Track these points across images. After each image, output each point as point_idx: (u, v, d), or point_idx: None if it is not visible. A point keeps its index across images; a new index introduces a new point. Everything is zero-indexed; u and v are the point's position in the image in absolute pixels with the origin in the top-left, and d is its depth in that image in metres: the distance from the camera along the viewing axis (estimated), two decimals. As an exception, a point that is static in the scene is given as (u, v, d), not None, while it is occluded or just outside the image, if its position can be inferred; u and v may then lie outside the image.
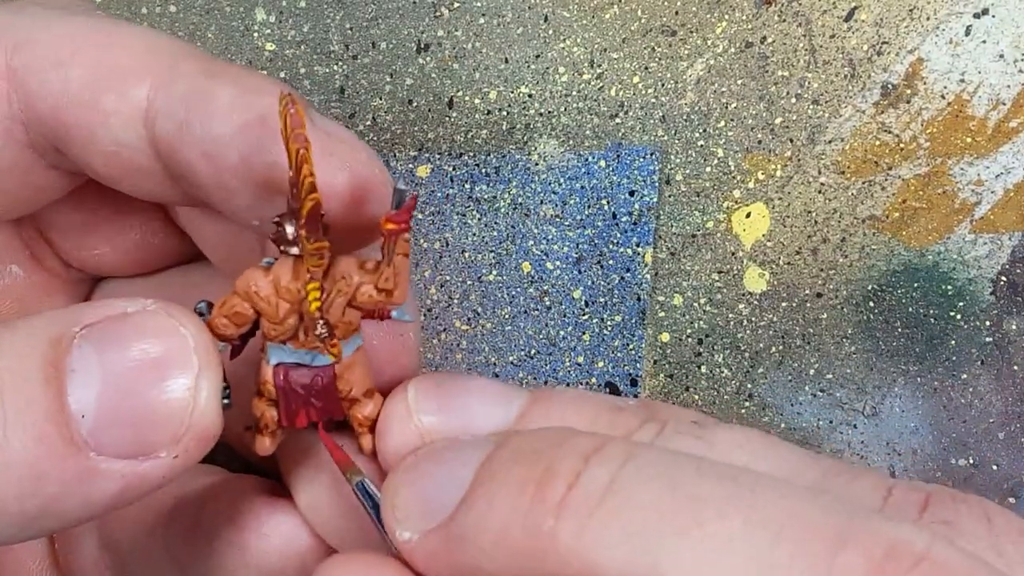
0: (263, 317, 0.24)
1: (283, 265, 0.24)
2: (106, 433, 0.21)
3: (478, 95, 0.38)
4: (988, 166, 0.38)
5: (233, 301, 0.24)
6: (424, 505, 0.22)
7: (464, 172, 0.38)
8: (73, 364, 0.21)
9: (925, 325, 0.39)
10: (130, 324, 0.22)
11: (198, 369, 0.22)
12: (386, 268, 0.24)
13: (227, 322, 0.24)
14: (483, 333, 0.39)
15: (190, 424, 0.22)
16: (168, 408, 0.21)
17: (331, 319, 0.24)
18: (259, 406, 0.25)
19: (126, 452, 0.21)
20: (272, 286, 0.24)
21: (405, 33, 0.38)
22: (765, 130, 0.38)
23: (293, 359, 0.25)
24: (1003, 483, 0.39)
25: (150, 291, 0.33)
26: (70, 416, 0.21)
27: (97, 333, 0.22)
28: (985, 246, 0.38)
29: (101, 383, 0.21)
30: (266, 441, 0.26)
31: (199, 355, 0.22)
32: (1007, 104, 0.37)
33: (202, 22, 0.38)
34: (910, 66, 0.38)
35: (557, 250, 0.39)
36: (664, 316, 0.39)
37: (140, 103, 0.24)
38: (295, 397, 0.25)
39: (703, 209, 0.38)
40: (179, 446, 0.22)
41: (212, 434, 0.22)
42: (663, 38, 0.38)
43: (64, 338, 0.21)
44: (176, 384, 0.22)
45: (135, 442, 0.21)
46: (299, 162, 0.21)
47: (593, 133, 0.38)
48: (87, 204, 0.30)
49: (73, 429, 0.21)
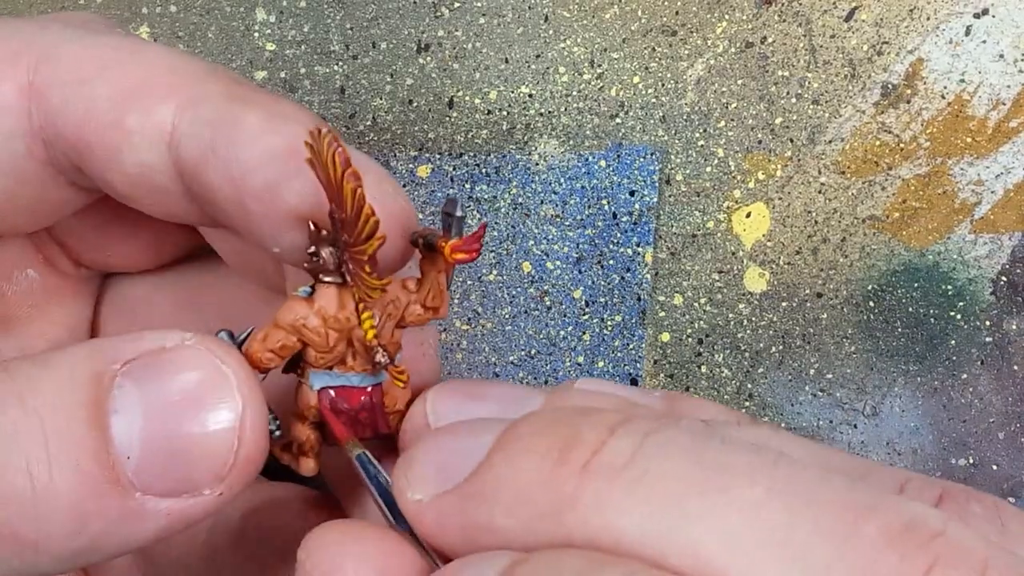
0: (311, 347, 0.24)
1: (326, 295, 0.24)
2: (151, 472, 0.21)
3: (478, 95, 0.38)
4: (988, 166, 0.38)
5: (278, 335, 0.24)
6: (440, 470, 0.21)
7: (464, 172, 0.38)
8: (115, 403, 0.21)
9: (925, 325, 0.39)
10: (169, 360, 0.22)
11: (242, 405, 0.22)
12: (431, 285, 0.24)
13: (272, 355, 0.24)
14: (483, 333, 0.39)
15: (235, 461, 0.22)
16: (212, 446, 0.21)
17: (383, 342, 0.24)
18: (303, 430, 0.25)
19: (171, 491, 0.21)
20: (319, 317, 0.24)
21: (405, 33, 0.38)
22: (765, 130, 0.38)
23: (339, 382, 0.25)
24: (1003, 483, 0.39)
25: (164, 289, 0.33)
26: (116, 456, 0.21)
27: (138, 370, 0.21)
28: (985, 246, 0.38)
29: (144, 421, 0.21)
30: (311, 463, 0.26)
31: (241, 391, 0.22)
32: (1007, 104, 0.37)
33: (202, 22, 0.38)
34: (910, 66, 0.38)
35: (557, 250, 0.39)
36: (664, 316, 0.39)
37: (164, 124, 0.24)
38: (344, 418, 0.25)
39: (703, 209, 0.38)
40: (224, 484, 0.22)
41: (256, 468, 0.22)
42: (663, 38, 0.38)
43: (105, 376, 0.21)
44: (220, 421, 0.21)
45: (180, 480, 0.21)
46: (358, 202, 0.21)
47: (593, 133, 0.38)
48: (103, 212, 0.30)
49: (119, 470, 0.21)
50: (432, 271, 0.24)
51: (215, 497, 0.22)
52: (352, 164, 0.21)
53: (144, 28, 0.38)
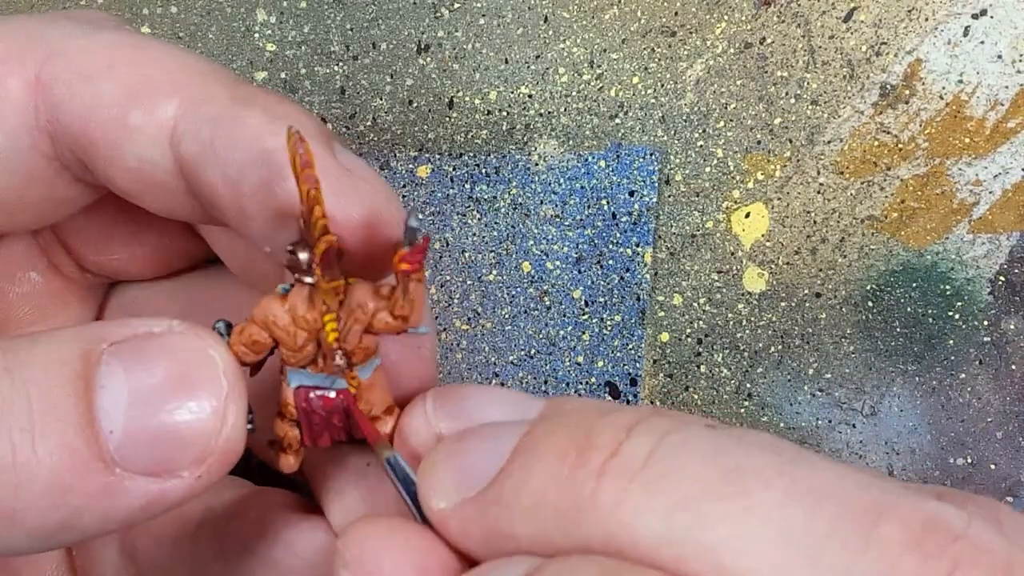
0: (281, 345, 0.24)
1: (298, 295, 0.24)
2: (133, 450, 0.21)
3: (478, 95, 0.38)
4: (986, 166, 0.38)
5: (251, 329, 0.24)
6: (462, 477, 0.22)
7: (464, 172, 0.38)
8: (102, 379, 0.21)
9: (923, 325, 0.39)
10: (156, 344, 0.22)
11: (227, 392, 0.22)
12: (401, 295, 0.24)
13: (246, 350, 0.24)
14: (483, 333, 0.39)
15: (215, 447, 0.22)
16: (194, 430, 0.22)
17: (348, 347, 0.24)
18: (282, 427, 0.26)
19: (151, 471, 0.21)
20: (289, 316, 0.24)
21: (405, 34, 0.38)
22: (764, 130, 0.38)
23: (313, 382, 0.25)
24: (1001, 482, 0.39)
25: (167, 297, 0.33)
26: (99, 431, 0.21)
27: (125, 351, 0.22)
28: (983, 246, 0.38)
29: (129, 400, 0.21)
30: (290, 459, 0.26)
31: (227, 378, 0.22)
32: (1005, 104, 0.38)
33: (203, 22, 0.38)
34: (909, 67, 0.38)
35: (557, 250, 0.39)
36: (664, 316, 0.39)
37: (167, 121, 0.24)
38: (317, 419, 0.25)
39: (702, 209, 0.39)
40: (203, 467, 0.22)
41: (235, 457, 0.22)
42: (663, 39, 0.38)
43: (92, 353, 0.21)
44: (204, 405, 0.22)
45: (161, 460, 0.21)
46: (310, 203, 0.21)
47: (593, 133, 0.38)
48: (107, 212, 0.30)
49: (102, 444, 0.21)
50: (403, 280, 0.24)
51: (193, 480, 0.22)
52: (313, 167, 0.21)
53: (145, 29, 0.38)
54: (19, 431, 0.20)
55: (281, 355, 0.24)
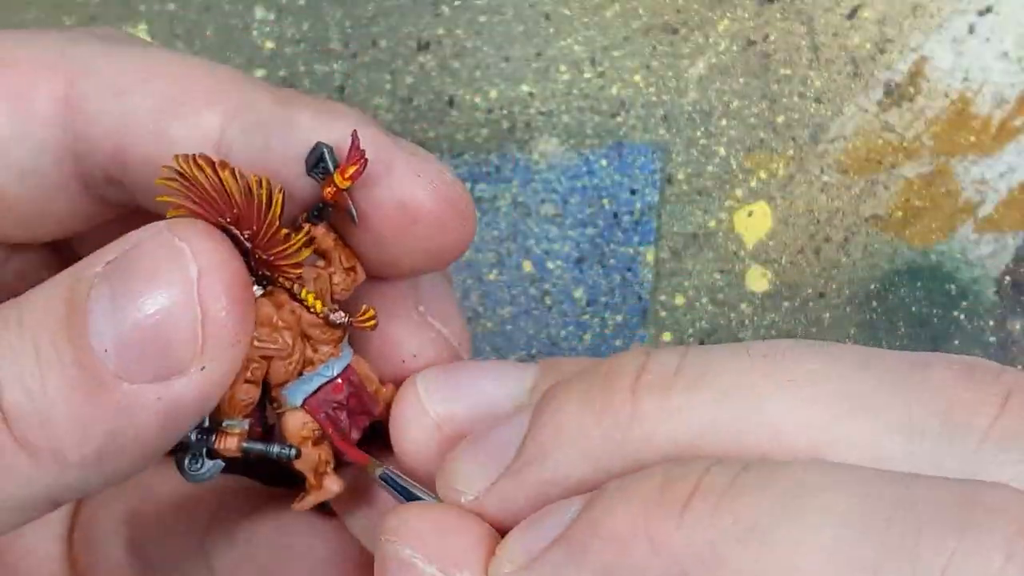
0: (276, 360, 0.24)
1: (263, 307, 0.24)
2: (130, 360, 0.21)
3: (479, 93, 0.38)
4: (992, 165, 0.38)
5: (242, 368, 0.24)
6: (484, 464, 0.22)
7: (464, 171, 0.38)
8: (91, 304, 0.21)
9: (928, 325, 0.39)
10: (137, 251, 0.22)
11: (196, 274, 0.22)
12: (337, 251, 0.24)
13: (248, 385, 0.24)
14: (483, 333, 0.39)
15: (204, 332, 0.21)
16: (170, 322, 0.21)
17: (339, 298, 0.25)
18: (309, 456, 0.25)
19: (156, 375, 0.21)
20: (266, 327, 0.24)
21: (405, 31, 0.38)
22: (767, 129, 0.38)
23: (313, 385, 0.25)
24: (1007, 484, 0.39)
25: None
26: (94, 355, 0.21)
27: (111, 268, 0.22)
28: (989, 245, 0.38)
29: (112, 312, 0.21)
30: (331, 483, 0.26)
31: (198, 260, 0.22)
32: (1011, 103, 0.37)
33: (200, 20, 0.38)
34: (913, 64, 0.37)
35: (558, 249, 0.38)
36: (666, 316, 0.39)
37: (212, 132, 0.24)
38: (338, 416, 0.25)
39: (705, 208, 0.38)
40: (204, 358, 0.22)
41: (239, 336, 0.22)
42: (665, 36, 0.38)
43: (83, 280, 0.22)
44: (171, 293, 0.21)
45: (159, 362, 0.21)
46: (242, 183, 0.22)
47: (594, 132, 0.38)
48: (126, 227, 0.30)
49: (100, 367, 0.21)
50: (331, 243, 0.24)
51: (200, 374, 0.22)
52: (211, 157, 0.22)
53: (142, 26, 0.38)
54: (29, 376, 0.21)
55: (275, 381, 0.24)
